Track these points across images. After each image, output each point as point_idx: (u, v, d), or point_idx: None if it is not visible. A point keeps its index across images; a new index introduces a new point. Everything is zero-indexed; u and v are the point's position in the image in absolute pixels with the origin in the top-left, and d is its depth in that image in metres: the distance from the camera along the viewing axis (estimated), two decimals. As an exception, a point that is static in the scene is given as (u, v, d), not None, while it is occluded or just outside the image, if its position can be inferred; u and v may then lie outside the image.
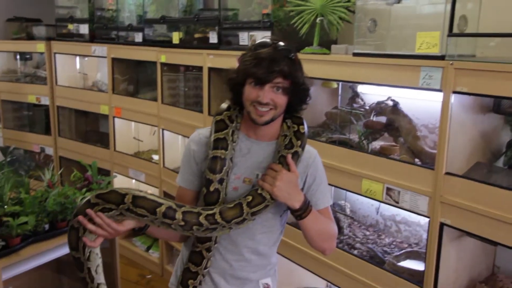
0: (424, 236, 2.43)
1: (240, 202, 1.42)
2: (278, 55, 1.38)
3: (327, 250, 1.58)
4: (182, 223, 1.38)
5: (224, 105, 1.55)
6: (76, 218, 1.41)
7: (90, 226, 1.39)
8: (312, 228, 1.52)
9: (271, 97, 1.40)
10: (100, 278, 1.52)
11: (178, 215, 1.38)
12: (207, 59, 3.08)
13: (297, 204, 1.45)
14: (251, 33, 2.80)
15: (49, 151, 4.62)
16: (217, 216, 1.40)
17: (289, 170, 1.44)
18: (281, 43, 1.42)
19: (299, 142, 1.49)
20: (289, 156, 1.46)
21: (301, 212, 1.47)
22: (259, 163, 1.51)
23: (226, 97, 1.56)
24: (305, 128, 1.53)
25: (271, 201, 1.44)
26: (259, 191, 1.43)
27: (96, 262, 1.50)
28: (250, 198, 1.42)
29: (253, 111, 1.42)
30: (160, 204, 1.37)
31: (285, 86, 1.40)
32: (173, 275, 1.69)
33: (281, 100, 1.42)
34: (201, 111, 3.21)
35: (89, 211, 1.38)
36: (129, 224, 1.41)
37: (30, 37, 4.69)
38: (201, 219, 1.39)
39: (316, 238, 1.55)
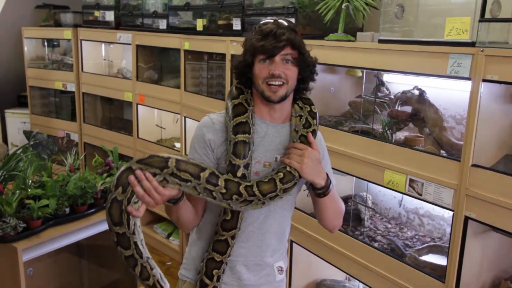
0: (448, 230, 2.35)
1: (273, 177, 1.42)
2: (282, 27, 1.41)
3: (336, 227, 1.63)
4: (224, 191, 1.36)
5: (236, 88, 1.53)
6: (118, 189, 1.31)
7: (139, 189, 1.30)
8: (331, 206, 1.54)
9: (282, 69, 1.41)
10: (147, 252, 1.41)
11: (221, 182, 1.36)
12: (230, 46, 3.05)
13: (323, 181, 1.46)
14: (283, 18, 2.75)
15: (74, 137, 4.69)
16: (255, 189, 1.39)
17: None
18: (282, 20, 1.45)
19: (314, 121, 1.52)
20: (310, 135, 1.48)
21: (325, 190, 1.48)
22: (277, 145, 1.51)
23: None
24: (316, 108, 1.55)
25: (299, 179, 1.44)
26: (288, 169, 1.43)
27: (140, 235, 1.40)
28: (281, 175, 1.42)
29: (266, 88, 1.43)
30: (204, 169, 1.36)
31: (294, 56, 1.42)
32: (186, 268, 1.63)
33: (292, 72, 1.43)
34: (223, 99, 3.19)
35: (139, 172, 1.31)
36: (170, 190, 1.35)
37: (58, 24, 4.75)
38: (241, 189, 1.38)
39: (331, 216, 1.58)
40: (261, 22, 1.47)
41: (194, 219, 1.53)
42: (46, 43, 5.04)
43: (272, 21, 1.44)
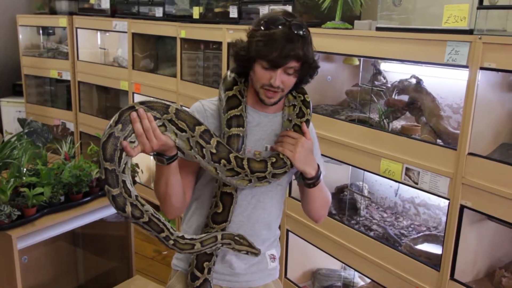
0: (443, 219, 2.35)
1: (265, 159, 1.41)
2: (291, 35, 1.33)
3: (322, 217, 1.63)
4: (214, 151, 1.35)
5: (230, 77, 1.50)
6: (118, 125, 1.25)
7: (138, 126, 1.26)
8: (319, 196, 1.55)
9: (282, 79, 1.38)
10: (135, 191, 1.35)
11: (213, 142, 1.35)
12: (227, 34, 3.03)
13: (313, 171, 1.46)
14: (271, 7, 2.73)
15: (70, 126, 4.67)
16: (245, 162, 1.38)
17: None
18: (294, 21, 1.36)
19: (308, 111, 1.51)
20: (304, 124, 1.47)
21: (315, 180, 1.48)
22: (268, 135, 1.50)
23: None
24: (309, 97, 1.54)
25: (290, 168, 1.43)
26: (280, 156, 1.43)
27: (129, 177, 1.35)
28: (274, 159, 1.42)
29: (262, 92, 1.41)
30: (200, 124, 1.35)
31: (296, 68, 1.38)
32: (178, 257, 1.63)
33: (291, 82, 1.41)
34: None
35: (141, 111, 1.27)
36: (167, 138, 1.31)
37: (53, 12, 4.70)
38: (231, 156, 1.37)
39: (318, 206, 1.58)
40: (270, 18, 1.37)
41: (182, 199, 1.47)
42: (41, 31, 4.99)
43: (283, 20, 1.35)
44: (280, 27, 1.34)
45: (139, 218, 1.32)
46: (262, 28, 1.36)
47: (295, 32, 1.34)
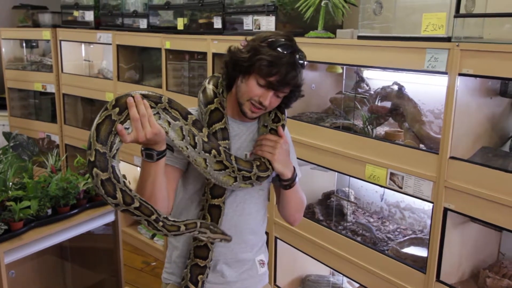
0: (428, 222, 2.40)
1: (251, 161, 1.45)
2: (296, 63, 1.38)
3: (297, 220, 1.66)
4: (206, 139, 1.37)
5: (209, 89, 1.51)
6: (115, 109, 1.24)
7: (135, 110, 1.24)
8: (295, 197, 1.59)
9: (271, 100, 1.42)
10: (122, 177, 1.31)
11: (204, 131, 1.37)
12: (212, 45, 3.05)
13: (289, 173, 1.50)
14: (255, 17, 2.77)
15: (55, 138, 4.64)
16: (233, 158, 1.40)
17: None
18: (299, 49, 1.42)
19: (283, 116, 1.55)
20: (280, 128, 1.51)
21: (291, 182, 1.52)
22: (247, 143, 1.54)
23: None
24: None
25: (272, 171, 1.47)
26: (262, 160, 1.46)
27: (118, 165, 1.31)
28: (258, 162, 1.45)
29: (247, 105, 1.43)
30: (191, 113, 1.37)
31: (286, 93, 1.43)
32: (168, 271, 1.62)
33: (277, 103, 1.45)
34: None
35: (138, 96, 1.27)
36: (160, 127, 1.29)
37: (36, 25, 4.69)
38: (221, 149, 1.39)
39: (294, 209, 1.62)
40: (277, 41, 1.39)
41: (166, 204, 1.43)
42: (24, 44, 4.97)
43: (291, 47, 1.38)
44: (285, 52, 1.37)
45: (130, 204, 1.27)
46: (268, 47, 1.38)
47: (300, 61, 1.39)
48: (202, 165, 1.38)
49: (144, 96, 1.29)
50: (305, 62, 1.42)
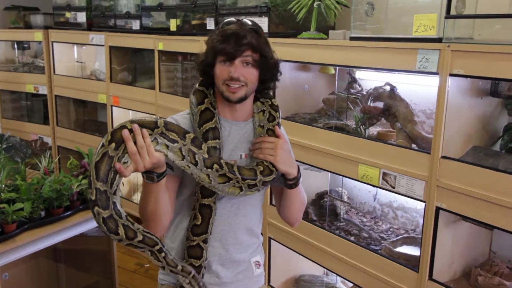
0: (421, 222, 2.42)
1: (254, 168, 1.44)
2: (243, 28, 1.41)
3: (298, 220, 1.65)
4: (206, 156, 1.37)
5: (199, 91, 1.52)
6: (111, 144, 1.24)
7: (132, 144, 1.25)
8: (298, 197, 1.57)
9: (241, 72, 1.41)
10: (124, 212, 1.32)
11: (204, 147, 1.38)
12: (205, 46, 3.05)
13: (295, 171, 1.49)
14: (248, 18, 2.77)
15: (48, 140, 4.62)
16: (235, 169, 1.40)
17: None
18: (247, 20, 1.45)
19: (277, 114, 1.54)
20: (277, 128, 1.51)
21: (296, 181, 1.51)
22: (241, 143, 1.53)
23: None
24: (276, 101, 1.58)
25: (276, 173, 1.46)
26: (265, 163, 1.45)
27: (119, 199, 1.32)
28: (261, 168, 1.44)
29: (225, 89, 1.44)
30: (188, 132, 1.37)
31: (254, 59, 1.42)
32: (164, 272, 1.61)
33: (252, 75, 1.44)
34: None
35: (136, 126, 1.26)
36: (159, 155, 1.30)
37: (28, 26, 4.67)
38: (222, 161, 1.39)
39: (297, 208, 1.60)
40: (225, 21, 1.47)
41: (170, 216, 1.48)
42: (16, 46, 4.94)
43: (235, 21, 1.45)
44: (231, 24, 1.44)
45: (133, 238, 1.29)
46: (217, 30, 1.45)
47: (247, 27, 1.42)
48: (206, 180, 1.39)
49: (139, 125, 1.28)
50: (255, 27, 1.44)
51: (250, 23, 1.45)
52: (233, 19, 1.46)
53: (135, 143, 1.26)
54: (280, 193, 1.60)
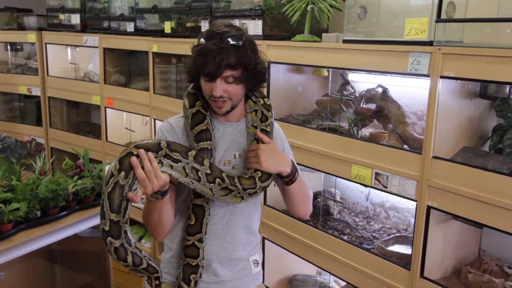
0: (412, 221, 2.46)
1: (252, 175, 1.46)
2: (221, 46, 1.36)
3: (308, 212, 1.65)
4: (208, 171, 1.39)
5: (191, 94, 1.55)
6: (120, 173, 1.28)
7: (140, 171, 1.28)
8: (299, 192, 1.58)
9: (224, 89, 1.40)
10: (133, 239, 1.38)
11: (206, 163, 1.40)
12: (198, 48, 3.08)
13: (288, 168, 1.50)
14: (242, 21, 2.81)
15: (41, 141, 4.61)
16: (236, 180, 1.43)
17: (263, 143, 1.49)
18: (227, 30, 1.39)
19: (270, 113, 1.56)
20: (258, 132, 1.51)
21: (292, 177, 1.52)
22: (235, 143, 1.55)
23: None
24: (269, 100, 1.60)
25: (274, 175, 1.49)
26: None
27: (128, 224, 1.37)
28: (259, 173, 1.47)
29: (212, 104, 1.46)
30: (190, 149, 1.41)
31: (236, 76, 1.40)
32: (165, 271, 1.64)
33: (235, 89, 1.43)
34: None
35: (143, 151, 1.29)
36: (166, 177, 1.34)
37: (21, 28, 4.66)
38: (224, 175, 1.42)
39: (301, 202, 1.61)
40: (206, 32, 1.42)
41: (172, 221, 1.53)
42: (9, 47, 4.93)
43: (216, 33, 1.38)
44: (207, 40, 1.39)
45: (139, 265, 1.37)
46: (194, 46, 1.43)
47: (226, 43, 1.36)
48: (209, 194, 1.44)
49: (144, 149, 1.31)
50: (236, 41, 1.37)
51: (232, 33, 1.39)
52: (214, 30, 1.40)
53: (142, 168, 1.30)
54: (283, 189, 1.61)
